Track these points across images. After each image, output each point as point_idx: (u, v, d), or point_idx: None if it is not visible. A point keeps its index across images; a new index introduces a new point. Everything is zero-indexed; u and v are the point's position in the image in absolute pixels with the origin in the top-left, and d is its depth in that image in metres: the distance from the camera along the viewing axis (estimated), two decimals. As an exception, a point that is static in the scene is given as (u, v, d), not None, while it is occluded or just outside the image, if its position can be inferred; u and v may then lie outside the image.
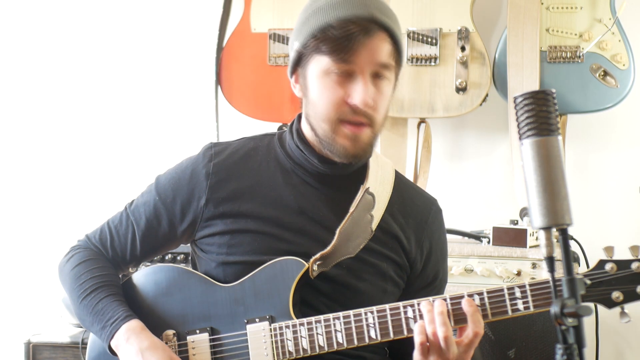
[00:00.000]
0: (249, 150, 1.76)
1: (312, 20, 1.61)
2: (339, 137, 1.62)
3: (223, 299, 1.67)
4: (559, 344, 1.14)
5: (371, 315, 1.58)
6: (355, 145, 1.62)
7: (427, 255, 1.75)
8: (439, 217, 1.80)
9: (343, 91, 1.60)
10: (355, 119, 1.60)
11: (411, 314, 1.56)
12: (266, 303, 1.64)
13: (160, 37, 3.27)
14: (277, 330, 1.62)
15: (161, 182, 1.77)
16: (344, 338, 1.58)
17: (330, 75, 1.60)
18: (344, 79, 1.60)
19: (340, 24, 1.57)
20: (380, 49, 1.59)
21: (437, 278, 1.79)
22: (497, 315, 1.53)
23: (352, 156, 1.63)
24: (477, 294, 1.54)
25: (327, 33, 1.58)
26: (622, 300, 1.47)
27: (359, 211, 1.67)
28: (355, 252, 1.66)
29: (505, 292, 1.53)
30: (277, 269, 1.64)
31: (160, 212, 1.74)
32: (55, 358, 2.62)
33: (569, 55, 2.76)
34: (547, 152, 1.17)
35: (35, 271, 3.24)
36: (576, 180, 2.96)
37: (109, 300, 1.68)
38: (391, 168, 1.80)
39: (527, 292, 1.52)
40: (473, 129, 3.09)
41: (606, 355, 2.86)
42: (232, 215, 1.70)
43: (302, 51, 1.63)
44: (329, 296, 1.67)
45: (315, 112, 1.64)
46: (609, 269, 1.48)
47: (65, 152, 3.32)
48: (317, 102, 1.63)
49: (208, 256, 1.72)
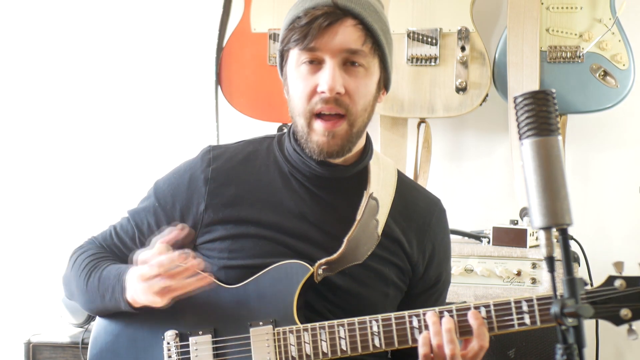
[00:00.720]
0: (247, 154, 1.74)
1: (287, 17, 1.63)
2: (313, 133, 1.60)
3: (227, 300, 1.65)
4: (559, 344, 1.13)
5: (376, 323, 1.56)
6: (331, 142, 1.59)
7: (430, 258, 1.73)
8: (442, 218, 1.78)
9: (313, 81, 1.58)
10: (327, 108, 1.57)
11: (416, 324, 1.55)
12: (270, 306, 1.63)
13: (161, 37, 3.27)
14: (281, 334, 1.60)
15: (160, 187, 1.76)
16: (348, 346, 1.57)
17: (301, 67, 1.59)
18: (315, 69, 1.58)
19: (305, 13, 1.57)
20: (346, 35, 1.56)
21: (440, 280, 1.77)
22: (503, 328, 1.51)
23: (327, 153, 1.60)
24: (484, 306, 1.52)
25: (295, 24, 1.58)
26: (631, 317, 1.44)
27: (365, 218, 1.65)
28: (363, 259, 1.65)
29: (512, 306, 1.50)
30: (282, 272, 1.63)
31: (160, 217, 1.74)
32: (55, 358, 2.62)
33: (569, 55, 2.76)
34: (547, 152, 1.17)
35: (35, 271, 3.24)
36: (576, 180, 2.96)
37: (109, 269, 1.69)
38: (393, 169, 1.78)
39: (534, 307, 1.49)
40: (473, 129, 3.09)
41: (606, 355, 2.86)
42: (232, 221, 1.69)
43: (281, 49, 1.64)
44: (331, 301, 1.66)
45: (292, 108, 1.63)
46: (618, 285, 1.44)
47: (65, 152, 3.32)
48: (292, 97, 1.62)
49: (209, 260, 1.71)
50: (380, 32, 1.60)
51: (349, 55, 1.57)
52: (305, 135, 1.61)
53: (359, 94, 1.59)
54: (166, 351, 1.66)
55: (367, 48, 1.58)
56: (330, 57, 1.56)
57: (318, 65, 1.58)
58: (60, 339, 2.65)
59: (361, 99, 1.60)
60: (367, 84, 1.61)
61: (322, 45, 1.56)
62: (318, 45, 1.56)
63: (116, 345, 1.71)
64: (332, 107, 1.57)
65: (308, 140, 1.60)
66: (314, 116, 1.59)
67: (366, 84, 1.61)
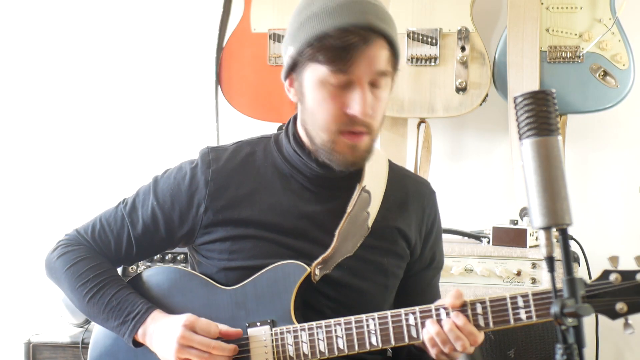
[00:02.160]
0: (246, 155, 1.74)
1: (308, 26, 1.57)
2: (338, 147, 1.60)
3: (224, 302, 1.66)
4: (559, 344, 1.13)
5: (372, 321, 1.57)
6: (354, 153, 1.61)
7: (426, 237, 1.77)
8: (433, 199, 1.80)
9: (341, 102, 1.56)
10: (355, 129, 1.58)
11: (412, 322, 1.55)
12: (267, 307, 1.63)
13: (161, 37, 3.27)
14: (278, 334, 1.61)
15: (159, 186, 1.75)
16: (345, 344, 1.57)
17: (327, 86, 1.56)
18: (342, 89, 1.56)
19: (338, 34, 1.52)
20: (378, 57, 1.55)
21: (435, 260, 1.80)
22: (499, 324, 1.51)
23: (352, 164, 1.62)
24: (480, 303, 1.52)
25: (325, 42, 1.53)
26: (627, 311, 1.43)
27: (356, 210, 1.67)
28: (353, 251, 1.66)
29: (507, 301, 1.51)
30: (278, 273, 1.64)
31: (158, 217, 1.73)
32: (55, 358, 2.62)
33: (569, 55, 2.76)
34: (547, 152, 1.17)
35: (36, 271, 3.23)
36: (576, 180, 2.96)
37: (122, 294, 1.67)
38: (384, 160, 1.79)
39: (529, 302, 1.49)
40: (473, 129, 3.09)
41: (606, 355, 2.86)
42: (232, 223, 1.69)
43: (298, 58, 1.59)
44: (331, 298, 1.66)
45: (314, 122, 1.61)
46: (613, 279, 1.44)
47: (65, 152, 3.32)
48: (315, 113, 1.60)
49: (209, 261, 1.71)
50: (399, 48, 1.61)
51: (377, 77, 1.57)
52: (328, 149, 1.61)
53: (381, 112, 1.61)
54: None
55: (392, 66, 1.60)
56: (361, 80, 1.55)
57: (346, 87, 1.56)
58: (60, 339, 2.65)
59: (381, 115, 1.62)
60: (385, 100, 1.62)
61: (356, 70, 1.54)
62: (352, 69, 1.54)
63: (115, 349, 1.72)
64: (360, 127, 1.58)
65: (332, 152, 1.61)
66: (339, 132, 1.59)
67: (386, 99, 1.62)
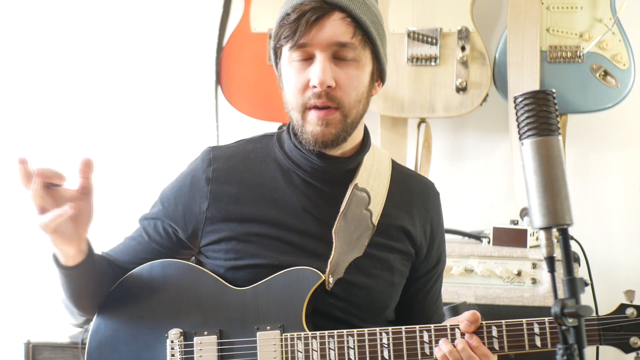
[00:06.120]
0: (247, 152, 1.75)
1: (278, 13, 1.63)
2: (307, 124, 1.60)
3: (235, 302, 1.65)
4: (560, 344, 1.13)
5: (386, 335, 1.57)
6: (325, 130, 1.59)
7: (431, 238, 1.77)
8: (437, 200, 1.81)
9: (305, 77, 1.59)
10: (320, 102, 1.58)
11: (427, 339, 1.56)
12: (278, 311, 1.62)
13: (161, 37, 3.27)
14: (289, 340, 1.60)
15: (165, 192, 1.78)
16: (357, 356, 1.57)
17: (292, 64, 1.60)
18: (306, 64, 1.59)
19: (294, 9, 1.58)
20: (335, 29, 1.57)
21: (440, 261, 1.81)
22: (513, 349, 1.54)
23: (323, 142, 1.61)
24: (496, 326, 1.55)
25: (285, 21, 1.59)
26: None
27: (352, 209, 1.67)
28: (362, 251, 1.66)
29: (524, 327, 1.54)
30: (292, 277, 1.63)
31: (164, 220, 1.74)
32: (55, 358, 2.62)
33: (570, 55, 2.76)
34: (547, 152, 1.17)
35: (35, 271, 3.23)
36: (576, 180, 2.96)
37: None
38: (387, 159, 1.79)
39: (546, 329, 1.53)
40: (473, 129, 3.09)
41: (606, 355, 2.86)
42: (236, 220, 1.69)
43: (275, 47, 1.64)
44: (340, 297, 1.66)
45: (287, 103, 1.64)
46: (629, 313, 1.50)
47: (65, 152, 3.32)
48: (286, 92, 1.64)
49: (216, 262, 1.70)
50: (369, 24, 1.60)
51: (338, 49, 1.58)
52: (300, 127, 1.62)
53: (351, 86, 1.60)
54: (169, 350, 1.65)
55: (357, 40, 1.59)
56: (320, 52, 1.57)
57: (309, 61, 1.59)
58: (60, 339, 2.65)
59: (353, 91, 1.60)
60: (358, 76, 1.61)
61: (311, 41, 1.57)
62: (307, 40, 1.57)
63: (116, 340, 1.69)
64: (324, 100, 1.58)
65: (303, 132, 1.61)
66: (307, 109, 1.60)
67: (358, 76, 1.61)
